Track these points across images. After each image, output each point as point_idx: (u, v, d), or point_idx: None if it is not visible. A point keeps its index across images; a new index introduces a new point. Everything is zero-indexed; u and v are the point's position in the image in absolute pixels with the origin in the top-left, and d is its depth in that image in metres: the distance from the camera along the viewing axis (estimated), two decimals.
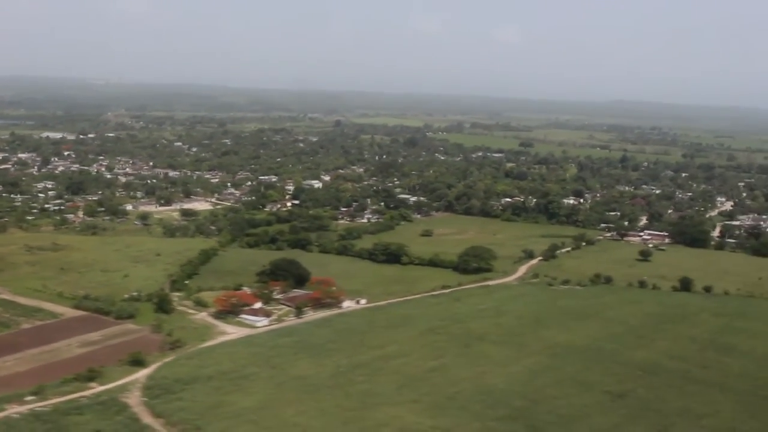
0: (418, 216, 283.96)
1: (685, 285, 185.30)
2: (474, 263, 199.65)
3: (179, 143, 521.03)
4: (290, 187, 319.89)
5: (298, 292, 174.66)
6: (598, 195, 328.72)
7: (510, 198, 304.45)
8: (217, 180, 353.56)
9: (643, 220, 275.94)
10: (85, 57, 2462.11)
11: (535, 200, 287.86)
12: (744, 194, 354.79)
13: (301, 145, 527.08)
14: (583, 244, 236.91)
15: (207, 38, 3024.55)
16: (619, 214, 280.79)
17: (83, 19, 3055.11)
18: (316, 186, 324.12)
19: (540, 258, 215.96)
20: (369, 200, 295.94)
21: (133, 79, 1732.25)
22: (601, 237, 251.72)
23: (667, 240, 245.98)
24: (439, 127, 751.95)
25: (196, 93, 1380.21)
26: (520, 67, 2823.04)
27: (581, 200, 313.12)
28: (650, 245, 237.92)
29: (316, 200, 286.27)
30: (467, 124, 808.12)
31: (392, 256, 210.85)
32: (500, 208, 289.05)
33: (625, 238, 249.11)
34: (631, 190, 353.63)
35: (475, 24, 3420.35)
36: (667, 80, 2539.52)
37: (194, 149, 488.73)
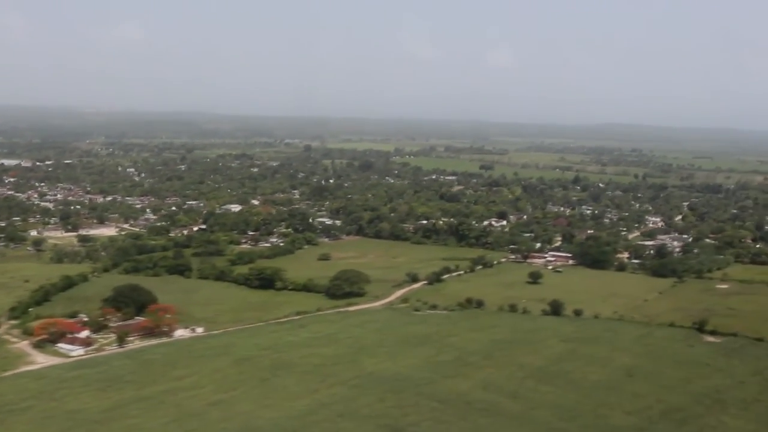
0: (326, 240, 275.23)
1: (555, 308, 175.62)
2: (345, 288, 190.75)
3: (132, 169, 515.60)
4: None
5: (139, 319, 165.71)
6: (524, 216, 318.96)
7: (427, 220, 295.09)
8: (142, 205, 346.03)
9: (558, 241, 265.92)
10: (81, 86, 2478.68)
11: (447, 222, 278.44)
12: (682, 214, 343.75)
13: (255, 170, 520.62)
14: (479, 267, 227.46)
15: (203, 66, 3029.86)
16: (533, 235, 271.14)
17: (80, 48, 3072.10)
18: (234, 210, 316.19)
19: (424, 282, 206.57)
20: (283, 224, 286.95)
21: (125, 107, 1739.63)
22: (504, 259, 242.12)
23: (570, 261, 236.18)
24: (410, 151, 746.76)
25: (184, 120, 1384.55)
26: (516, 91, 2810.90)
27: (504, 222, 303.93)
28: (549, 267, 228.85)
29: (224, 224, 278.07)
30: (441, 148, 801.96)
31: (266, 281, 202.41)
32: (411, 230, 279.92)
33: (528, 260, 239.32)
34: (567, 210, 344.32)
35: (471, 49, 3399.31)
36: (666, 102, 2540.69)
37: (143, 175, 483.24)
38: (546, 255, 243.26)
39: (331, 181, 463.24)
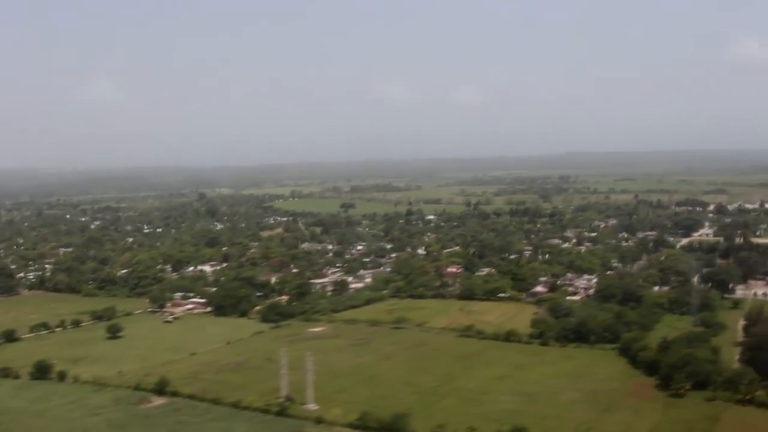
0: None
1: (42, 371, 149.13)
2: None
3: None
4: None
5: None
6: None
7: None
8: None
9: None
10: (54, 146, 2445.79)
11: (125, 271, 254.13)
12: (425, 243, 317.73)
13: (98, 223, 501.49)
14: (94, 321, 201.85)
15: (180, 123, 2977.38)
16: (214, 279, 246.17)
17: (55, 109, 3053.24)
18: None
19: None
20: None
21: (91, 165, 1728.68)
22: (140, 311, 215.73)
23: (209, 308, 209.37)
24: (307, 193, 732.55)
25: (136, 175, 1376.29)
26: (487, 126, 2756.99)
27: (225, 264, 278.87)
28: (170, 318, 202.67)
29: None
30: (347, 189, 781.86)
31: None
32: (89, 282, 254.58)
33: (164, 309, 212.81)
34: (328, 246, 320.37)
35: (439, 87, 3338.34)
36: (644, 128, 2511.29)
37: None
38: (186, 303, 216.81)
39: (159, 230, 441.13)
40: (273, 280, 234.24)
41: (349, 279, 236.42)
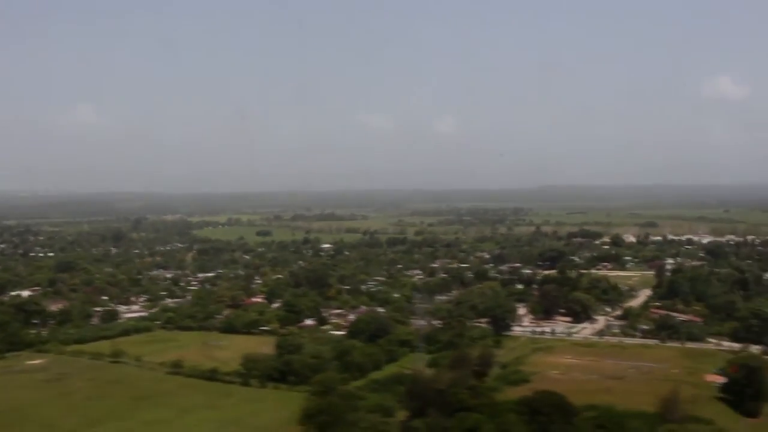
0: None
1: None
2: None
3: None
4: None
5: None
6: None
7: None
8: None
9: None
10: (33, 170, 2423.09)
11: None
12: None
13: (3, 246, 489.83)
14: None
15: (154, 148, 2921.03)
16: None
17: (33, 134, 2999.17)
18: None
19: None
20: None
21: (65, 190, 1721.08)
22: None
23: None
24: (240, 220, 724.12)
25: (102, 201, 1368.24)
26: (472, 159, 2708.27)
27: None
28: None
29: None
30: (288, 217, 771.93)
31: None
32: None
33: None
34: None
35: (424, 120, 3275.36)
36: (634, 162, 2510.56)
37: None
38: None
39: (51, 254, 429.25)
40: (58, 307, 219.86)
41: (134, 308, 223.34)
